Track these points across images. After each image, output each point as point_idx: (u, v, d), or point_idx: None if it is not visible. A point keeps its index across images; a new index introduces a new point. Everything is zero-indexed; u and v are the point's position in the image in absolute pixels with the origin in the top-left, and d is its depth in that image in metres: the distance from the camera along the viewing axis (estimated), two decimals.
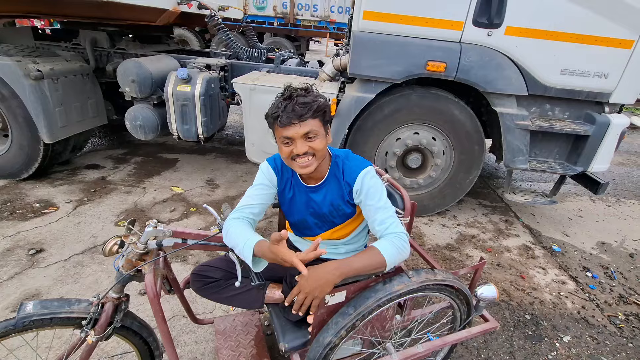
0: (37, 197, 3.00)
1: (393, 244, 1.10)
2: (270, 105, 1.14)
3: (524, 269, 2.59)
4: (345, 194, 1.24)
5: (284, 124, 1.08)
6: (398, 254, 1.11)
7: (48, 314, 1.07)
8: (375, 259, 1.08)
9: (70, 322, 1.11)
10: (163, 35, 4.18)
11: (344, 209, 1.28)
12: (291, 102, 1.08)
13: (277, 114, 1.08)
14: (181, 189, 3.34)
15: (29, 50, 3.01)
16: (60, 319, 1.09)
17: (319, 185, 1.26)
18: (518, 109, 2.58)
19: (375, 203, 1.17)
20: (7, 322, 1.03)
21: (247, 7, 9.28)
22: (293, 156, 1.13)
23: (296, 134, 1.09)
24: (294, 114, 1.07)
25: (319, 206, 1.28)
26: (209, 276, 1.34)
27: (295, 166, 1.16)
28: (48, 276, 2.15)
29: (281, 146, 1.14)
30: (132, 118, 3.04)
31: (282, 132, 1.10)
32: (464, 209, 3.44)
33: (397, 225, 1.15)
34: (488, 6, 2.28)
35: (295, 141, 1.10)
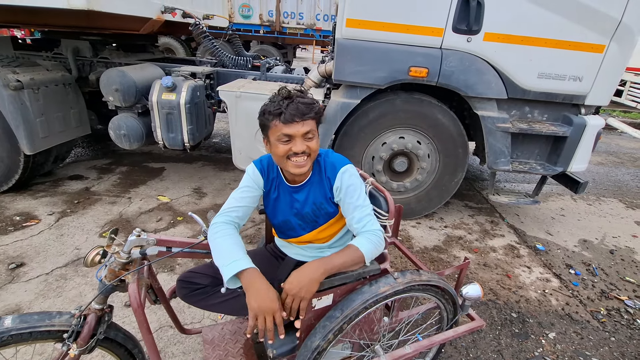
0: (17, 209, 2.92)
1: (369, 240, 1.16)
2: (267, 104, 1.13)
3: (510, 268, 2.64)
4: (327, 191, 1.26)
5: (287, 121, 1.08)
6: (375, 248, 1.16)
7: (27, 327, 1.04)
8: (354, 255, 1.13)
9: (51, 335, 1.08)
10: (147, 44, 4.16)
11: (327, 208, 1.29)
12: (292, 101, 1.09)
13: (279, 110, 1.08)
14: (168, 198, 3.30)
15: (8, 60, 2.95)
16: (40, 333, 1.06)
17: (301, 185, 1.28)
18: (499, 112, 2.66)
19: (354, 201, 1.20)
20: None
21: (232, 16, 9.32)
22: (290, 154, 1.13)
23: (297, 132, 1.10)
24: (297, 112, 1.07)
25: (301, 206, 1.29)
26: (196, 282, 1.33)
27: (289, 165, 1.16)
28: (29, 291, 2.09)
29: (277, 144, 1.13)
30: (116, 127, 3.00)
31: (282, 129, 1.09)
32: (450, 210, 3.49)
33: (373, 223, 1.20)
34: (467, 13, 2.36)
35: (295, 139, 1.11)
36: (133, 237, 1.11)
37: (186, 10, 3.41)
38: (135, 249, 1.13)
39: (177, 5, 3.41)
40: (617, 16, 2.38)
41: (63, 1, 2.27)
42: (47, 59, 3.36)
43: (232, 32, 4.40)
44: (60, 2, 2.28)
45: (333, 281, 1.15)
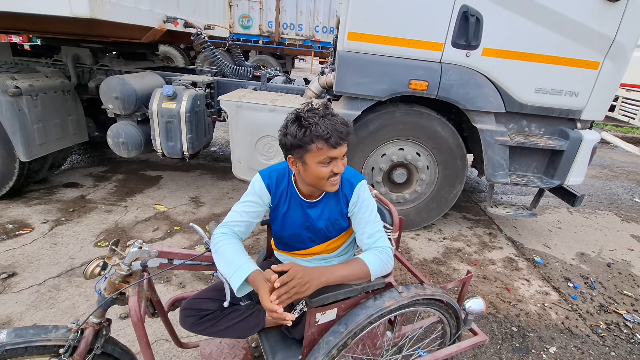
0: (10, 217, 2.87)
1: (378, 257, 1.14)
2: (306, 127, 1.06)
3: (509, 281, 2.63)
4: (343, 207, 1.25)
5: (337, 144, 1.06)
6: (382, 266, 1.14)
7: (22, 342, 1.00)
8: (360, 270, 1.11)
9: (47, 350, 1.04)
10: (148, 52, 4.17)
11: (341, 223, 1.28)
12: (333, 122, 1.06)
13: (328, 134, 1.04)
14: (165, 207, 3.27)
15: (7, 66, 2.94)
16: (36, 348, 1.02)
17: (317, 201, 1.26)
18: (497, 126, 2.69)
19: (366, 216, 1.19)
20: None
21: (232, 26, 9.42)
22: (330, 176, 1.12)
23: (340, 153, 1.10)
24: (341, 134, 1.06)
25: (315, 221, 1.27)
26: (204, 309, 1.27)
27: (328, 186, 1.15)
28: (20, 302, 2.03)
29: (319, 167, 1.09)
30: (114, 135, 2.98)
31: (328, 152, 1.06)
32: (449, 222, 3.49)
33: (384, 239, 1.18)
34: (465, 29, 2.40)
35: (337, 161, 1.11)
36: (135, 249, 1.09)
37: (188, 20, 3.44)
38: (136, 261, 1.11)
39: (179, 15, 3.44)
40: (611, 34, 2.44)
41: (66, 9, 2.28)
42: (47, 66, 3.35)
43: (232, 42, 4.44)
44: (63, 10, 2.29)
45: (337, 295, 1.14)
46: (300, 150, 1.09)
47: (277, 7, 9.24)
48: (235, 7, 9.27)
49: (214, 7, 4.29)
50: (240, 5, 9.26)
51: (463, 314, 1.47)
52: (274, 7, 9.25)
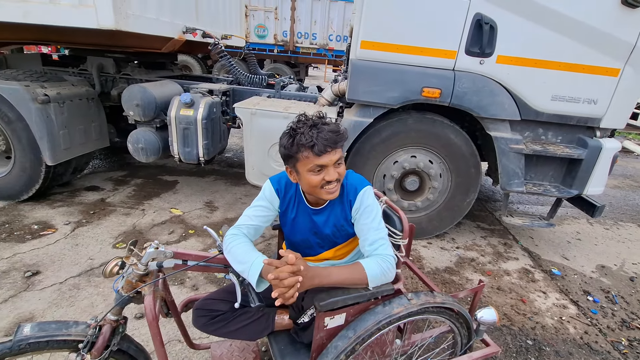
0: (35, 218, 3.00)
1: (379, 265, 1.14)
2: (293, 136, 1.10)
3: (525, 293, 2.57)
4: (347, 213, 1.26)
5: (321, 152, 1.07)
6: (382, 275, 1.14)
7: (45, 336, 1.06)
8: (357, 275, 1.12)
9: (67, 345, 1.09)
10: (167, 62, 4.33)
11: (347, 229, 1.29)
12: (321, 130, 1.08)
13: (312, 142, 1.06)
14: (180, 211, 3.35)
15: (37, 76, 3.10)
16: (57, 342, 1.07)
17: (322, 208, 1.28)
18: (512, 133, 2.65)
19: (369, 222, 1.20)
20: (2, 345, 1.02)
21: (248, 35, 9.65)
22: (323, 184, 1.13)
23: (330, 161, 1.10)
24: (329, 142, 1.07)
25: (321, 227, 1.29)
26: (215, 309, 1.30)
27: (323, 193, 1.16)
28: (43, 299, 2.12)
29: (309, 175, 1.12)
30: (134, 141, 3.09)
31: (315, 160, 1.08)
32: (462, 231, 3.44)
33: (386, 247, 1.18)
34: (479, 37, 2.40)
35: (328, 168, 1.11)
36: (151, 249, 1.13)
37: (206, 30, 3.56)
38: (152, 261, 1.15)
39: (197, 25, 3.57)
40: (632, 40, 2.40)
41: (93, 22, 2.41)
42: (73, 75, 3.51)
43: (248, 52, 4.56)
44: (91, 22, 2.42)
45: (346, 300, 1.15)
46: (292, 160, 1.13)
47: (292, 16, 9.42)
48: (252, 17, 9.50)
49: (230, 17, 4.42)
50: (256, 15, 9.49)
51: (475, 324, 1.45)
52: (289, 17, 9.44)
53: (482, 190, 4.69)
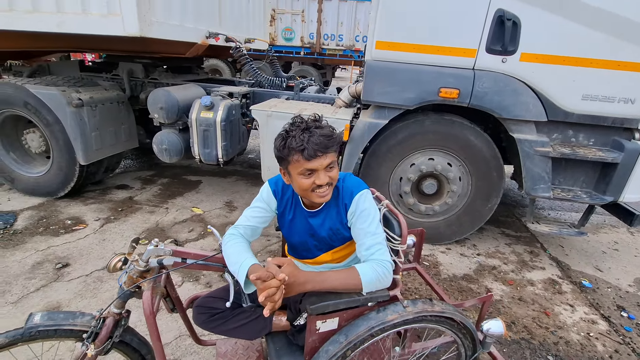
0: (69, 214, 3.23)
1: (374, 270, 1.11)
2: (284, 138, 1.11)
3: (549, 305, 2.41)
4: (343, 217, 1.25)
5: (311, 156, 1.06)
6: (377, 280, 1.11)
7: (53, 325, 1.13)
8: (352, 280, 1.09)
9: (73, 334, 1.16)
10: (193, 66, 4.50)
11: (343, 233, 1.28)
12: (312, 134, 1.07)
13: (302, 146, 1.06)
14: (200, 210, 3.47)
15: (74, 81, 3.34)
16: (64, 331, 1.14)
17: (318, 211, 1.28)
18: (538, 135, 2.50)
19: (365, 227, 1.17)
20: (15, 331, 1.10)
21: (275, 38, 9.82)
22: (314, 188, 1.12)
23: (320, 165, 1.09)
24: (320, 146, 1.06)
25: (317, 230, 1.29)
26: (214, 307, 1.32)
27: (314, 197, 1.15)
28: (70, 290, 2.27)
29: (300, 178, 1.12)
30: (159, 142, 3.24)
31: (305, 164, 1.08)
32: (485, 238, 3.29)
33: (383, 252, 1.14)
34: (501, 34, 2.29)
35: (318, 172, 1.10)
36: (151, 247, 1.18)
37: (228, 35, 3.67)
38: (153, 258, 1.20)
39: (221, 30, 3.68)
40: None
41: (120, 30, 2.55)
42: (106, 80, 3.75)
43: (271, 55, 4.64)
44: (118, 30, 2.57)
45: (338, 304, 1.13)
46: (285, 162, 1.13)
47: (318, 19, 9.48)
48: (279, 21, 9.67)
49: (254, 21, 4.52)
50: (283, 18, 9.64)
51: (481, 336, 1.38)
52: (316, 19, 9.50)
53: (510, 194, 4.45)
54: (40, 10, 2.61)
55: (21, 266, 2.46)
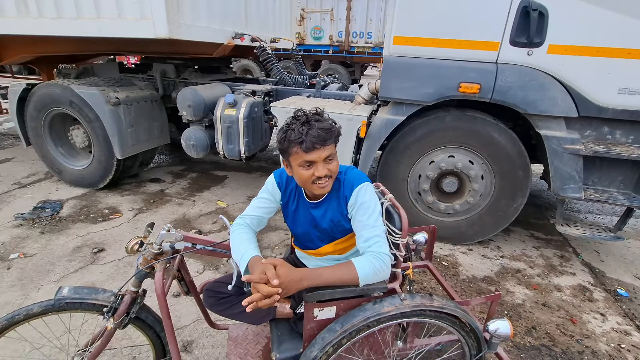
0: (107, 204, 3.50)
1: (371, 263, 1.12)
2: (285, 131, 1.15)
3: (577, 312, 2.27)
4: (343, 208, 1.27)
5: (309, 149, 1.10)
6: (373, 273, 1.11)
7: (78, 298, 1.26)
8: (348, 274, 1.11)
9: (96, 308, 1.28)
10: (222, 66, 4.68)
11: (344, 225, 1.30)
12: (311, 127, 1.11)
13: (300, 139, 1.10)
14: (225, 204, 3.61)
15: (113, 82, 3.61)
16: (87, 304, 1.27)
17: (320, 202, 1.31)
18: (567, 132, 2.36)
19: (364, 219, 1.18)
20: (47, 302, 1.24)
21: (304, 38, 9.93)
22: (314, 179, 1.16)
23: (318, 157, 1.12)
24: (317, 139, 1.10)
25: (319, 221, 1.32)
26: (222, 292, 1.39)
27: (314, 188, 1.19)
28: (103, 272, 2.48)
29: (300, 170, 1.15)
30: (187, 138, 3.42)
31: (304, 156, 1.12)
32: (511, 239, 3.15)
33: (381, 245, 1.15)
34: (527, 26, 2.18)
35: (317, 164, 1.13)
36: (164, 231, 1.27)
37: (254, 35, 3.78)
38: (165, 242, 1.29)
39: (247, 31, 3.81)
40: None
41: (151, 32, 2.73)
42: (142, 80, 4.01)
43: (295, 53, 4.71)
44: (149, 33, 2.75)
45: (334, 293, 1.16)
46: (286, 154, 1.17)
47: (347, 16, 9.45)
48: (308, 20, 9.75)
49: (280, 21, 4.62)
50: (312, 17, 9.71)
51: (487, 336, 1.34)
52: (345, 17, 9.48)
53: (543, 196, 4.21)
54: (83, 16, 2.86)
55: (64, 249, 2.71)
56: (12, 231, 2.92)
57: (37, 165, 4.35)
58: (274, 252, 2.82)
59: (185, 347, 1.91)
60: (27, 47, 3.75)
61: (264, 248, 2.85)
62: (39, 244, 2.76)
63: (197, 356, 1.86)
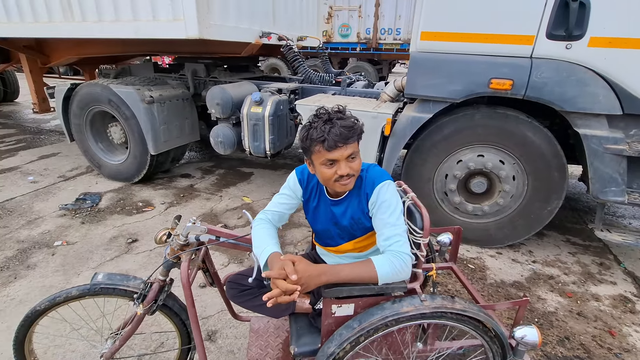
0: (141, 197, 3.69)
1: (391, 262, 1.10)
2: (308, 129, 1.16)
3: (616, 324, 2.12)
4: (364, 206, 1.26)
5: (331, 147, 1.10)
6: (393, 273, 1.10)
7: (111, 284, 1.34)
8: (367, 272, 1.10)
9: (127, 294, 1.36)
10: (250, 65, 4.78)
11: (364, 223, 1.29)
12: (334, 125, 1.10)
13: (323, 137, 1.10)
14: (250, 200, 3.70)
15: (148, 81, 3.79)
16: (119, 290, 1.35)
17: (341, 199, 1.31)
18: (610, 131, 2.20)
19: (385, 217, 1.17)
20: (84, 286, 1.33)
21: (332, 35, 9.90)
22: (336, 178, 1.16)
23: (341, 156, 1.12)
24: (340, 137, 1.09)
25: (339, 219, 1.32)
26: (243, 284, 1.43)
27: (337, 186, 1.19)
28: (136, 262, 2.62)
29: (322, 168, 1.15)
30: (215, 135, 3.53)
31: (326, 154, 1.12)
32: (544, 244, 2.99)
33: (401, 244, 1.13)
34: (565, 17, 2.05)
35: (340, 163, 1.13)
36: (189, 224, 1.33)
37: (280, 34, 3.83)
38: (192, 234, 1.35)
39: (274, 30, 3.86)
40: None
41: (182, 33, 2.84)
42: (174, 79, 4.17)
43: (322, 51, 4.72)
44: (181, 33, 2.86)
45: (352, 290, 1.16)
46: (308, 153, 1.18)
47: (375, 13, 9.32)
48: (336, 18, 9.72)
49: (307, 20, 4.64)
50: (340, 15, 9.66)
51: (513, 343, 1.29)
52: (373, 14, 9.36)
53: (583, 199, 3.96)
54: (121, 19, 3.02)
55: (101, 239, 2.90)
56: (57, 220, 3.16)
57: (80, 159, 4.66)
58: (296, 248, 2.85)
59: (209, 336, 1.98)
60: (71, 50, 4.03)
61: (287, 244, 2.89)
62: (80, 233, 2.96)
63: (220, 345, 1.92)
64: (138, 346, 1.87)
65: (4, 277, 2.39)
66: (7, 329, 1.94)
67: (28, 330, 1.37)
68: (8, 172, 4.25)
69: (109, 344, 1.43)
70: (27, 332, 1.37)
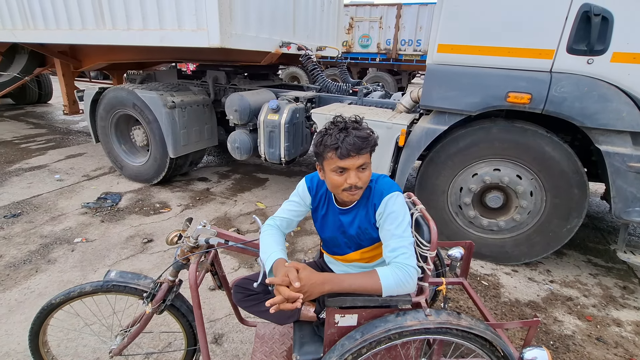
0: (159, 199, 3.80)
1: (395, 274, 1.09)
2: (323, 135, 1.17)
3: (638, 352, 2.00)
4: (372, 217, 1.26)
5: (344, 155, 1.11)
6: (397, 285, 1.09)
7: (123, 282, 1.39)
8: (371, 283, 1.09)
9: (137, 292, 1.40)
10: (270, 73, 4.89)
11: (371, 233, 1.29)
12: (349, 134, 1.12)
13: (336, 145, 1.11)
14: (264, 205, 3.74)
15: (170, 87, 3.93)
16: (130, 288, 1.39)
17: (349, 209, 1.32)
18: (634, 148, 2.12)
19: (392, 229, 1.17)
20: (97, 283, 1.38)
21: (352, 46, 10.01)
22: (345, 187, 1.17)
23: (352, 165, 1.13)
24: (353, 147, 1.10)
25: (347, 228, 1.33)
26: (249, 289, 1.45)
27: (344, 195, 1.20)
28: (150, 262, 2.69)
29: (332, 175, 1.17)
30: (232, 141, 3.62)
31: (338, 162, 1.13)
32: (563, 264, 2.87)
33: (407, 257, 1.12)
34: (587, 32, 2.01)
35: (350, 172, 1.14)
36: (200, 227, 1.37)
37: (300, 43, 3.91)
38: (202, 237, 1.38)
39: (294, 40, 3.95)
40: None
41: (205, 42, 2.95)
42: (196, 86, 4.32)
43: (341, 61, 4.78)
44: (204, 42, 2.97)
45: (356, 301, 1.16)
46: (320, 158, 1.19)
47: (396, 24, 9.38)
48: (357, 28, 9.83)
49: (327, 30, 4.72)
50: (361, 26, 9.78)
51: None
52: (394, 25, 9.41)
53: (607, 219, 3.79)
54: (148, 27, 3.17)
55: (119, 238, 2.99)
56: (78, 218, 3.29)
57: (104, 160, 4.86)
58: (306, 255, 2.86)
59: (216, 339, 2.00)
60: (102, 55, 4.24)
61: (297, 251, 2.90)
62: (99, 231, 3.07)
63: (226, 349, 1.94)
64: (146, 344, 1.91)
65: (26, 270, 2.51)
66: (25, 320, 2.03)
67: (43, 322, 1.42)
68: (37, 169, 4.48)
69: (118, 340, 1.47)
70: (42, 324, 1.43)
